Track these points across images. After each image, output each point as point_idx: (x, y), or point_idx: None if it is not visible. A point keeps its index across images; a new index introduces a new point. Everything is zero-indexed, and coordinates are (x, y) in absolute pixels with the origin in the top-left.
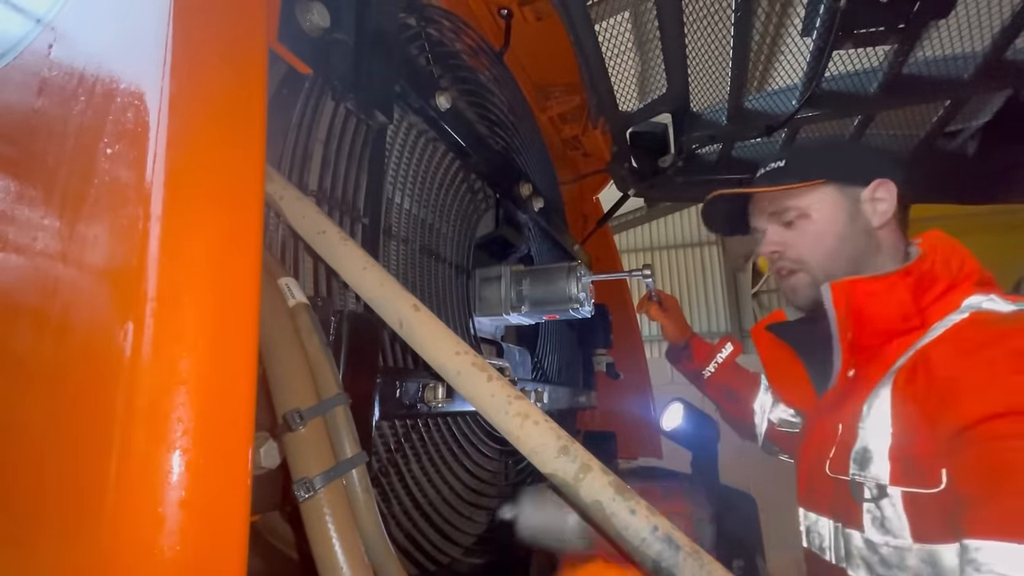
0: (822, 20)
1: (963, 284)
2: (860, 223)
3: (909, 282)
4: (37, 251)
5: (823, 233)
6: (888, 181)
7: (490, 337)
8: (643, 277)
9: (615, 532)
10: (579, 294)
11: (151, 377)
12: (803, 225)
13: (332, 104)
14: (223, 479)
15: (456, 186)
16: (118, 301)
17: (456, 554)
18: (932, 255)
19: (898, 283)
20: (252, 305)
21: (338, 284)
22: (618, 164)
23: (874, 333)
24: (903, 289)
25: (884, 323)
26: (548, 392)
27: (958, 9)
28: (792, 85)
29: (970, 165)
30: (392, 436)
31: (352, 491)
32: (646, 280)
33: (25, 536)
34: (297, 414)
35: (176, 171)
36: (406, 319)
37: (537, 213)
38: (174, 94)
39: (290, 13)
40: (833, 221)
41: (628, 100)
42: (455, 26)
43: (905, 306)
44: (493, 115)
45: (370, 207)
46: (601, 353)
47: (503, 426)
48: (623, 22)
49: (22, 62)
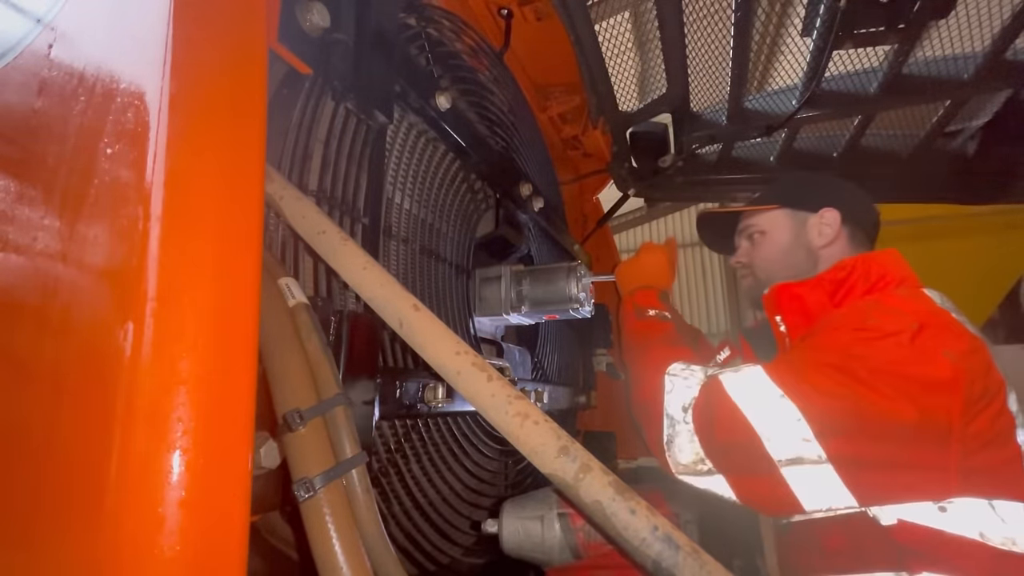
0: (822, 20)
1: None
2: (803, 241)
3: (825, 286)
4: (37, 251)
5: (771, 246)
6: (832, 209)
7: (490, 337)
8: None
9: (615, 532)
10: (579, 294)
11: (151, 377)
12: (759, 240)
13: (332, 104)
14: (223, 479)
15: (456, 186)
16: (118, 301)
17: (456, 554)
18: (851, 267)
19: (816, 286)
20: (252, 305)
21: (338, 284)
22: (618, 164)
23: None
24: (820, 291)
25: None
26: (548, 392)
27: (958, 9)
28: (792, 85)
29: (970, 165)
30: (392, 436)
31: (352, 491)
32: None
33: (25, 536)
34: (297, 414)
35: (176, 171)
36: (406, 319)
37: (537, 213)
38: (174, 94)
39: (290, 13)
40: (779, 238)
41: (628, 100)
42: (455, 26)
43: (823, 304)
44: (493, 115)
45: (370, 207)
46: (601, 353)
47: (503, 426)
48: (623, 22)
49: (22, 62)
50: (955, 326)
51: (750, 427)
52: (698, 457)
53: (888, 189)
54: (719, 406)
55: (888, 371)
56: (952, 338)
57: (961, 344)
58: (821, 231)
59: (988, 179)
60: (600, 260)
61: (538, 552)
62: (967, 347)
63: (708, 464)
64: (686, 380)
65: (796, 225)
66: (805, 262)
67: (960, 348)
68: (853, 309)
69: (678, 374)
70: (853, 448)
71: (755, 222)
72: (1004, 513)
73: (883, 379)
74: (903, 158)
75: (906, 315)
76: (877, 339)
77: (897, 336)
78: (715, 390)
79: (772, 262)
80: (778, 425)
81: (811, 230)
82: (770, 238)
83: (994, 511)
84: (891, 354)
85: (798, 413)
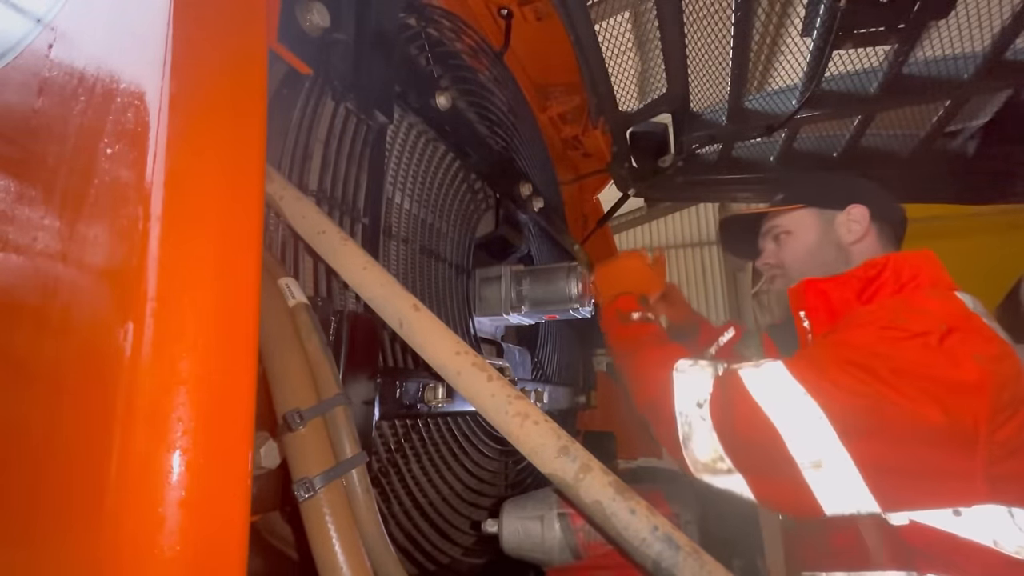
0: (822, 20)
1: (913, 290)
2: (831, 239)
3: (853, 284)
4: (37, 251)
5: (799, 245)
6: (860, 206)
7: (490, 337)
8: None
9: (615, 532)
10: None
11: (151, 377)
12: (786, 240)
13: (332, 104)
14: (223, 479)
15: (456, 186)
16: (118, 301)
17: (456, 554)
18: (882, 266)
19: (843, 284)
20: (252, 305)
21: (338, 284)
22: (618, 164)
23: (821, 322)
24: (847, 289)
25: (829, 313)
26: (548, 392)
27: (958, 9)
28: (792, 85)
29: (970, 165)
30: (392, 436)
31: (352, 491)
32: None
33: (25, 536)
34: (297, 414)
35: (176, 171)
36: (406, 319)
37: (537, 213)
38: (174, 94)
39: (290, 13)
40: (807, 237)
41: (628, 100)
42: (455, 26)
43: (848, 302)
44: (493, 115)
45: (370, 207)
46: (601, 353)
47: (503, 426)
48: (623, 22)
49: (22, 62)
50: (985, 330)
51: (772, 426)
52: (717, 455)
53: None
54: (739, 402)
55: (913, 372)
56: (982, 342)
57: (991, 348)
58: (850, 227)
59: (988, 179)
60: (600, 260)
61: (538, 552)
62: (997, 352)
63: (728, 462)
64: (696, 376)
65: (823, 223)
66: (836, 259)
67: (990, 352)
68: (881, 307)
69: (686, 370)
70: (876, 450)
71: (780, 223)
72: (1022, 522)
73: (907, 380)
74: (903, 158)
75: (935, 316)
76: (904, 339)
77: (925, 337)
78: (734, 385)
79: (802, 261)
80: (800, 424)
81: (840, 227)
82: (797, 237)
83: (1012, 519)
84: (917, 355)
85: (820, 411)
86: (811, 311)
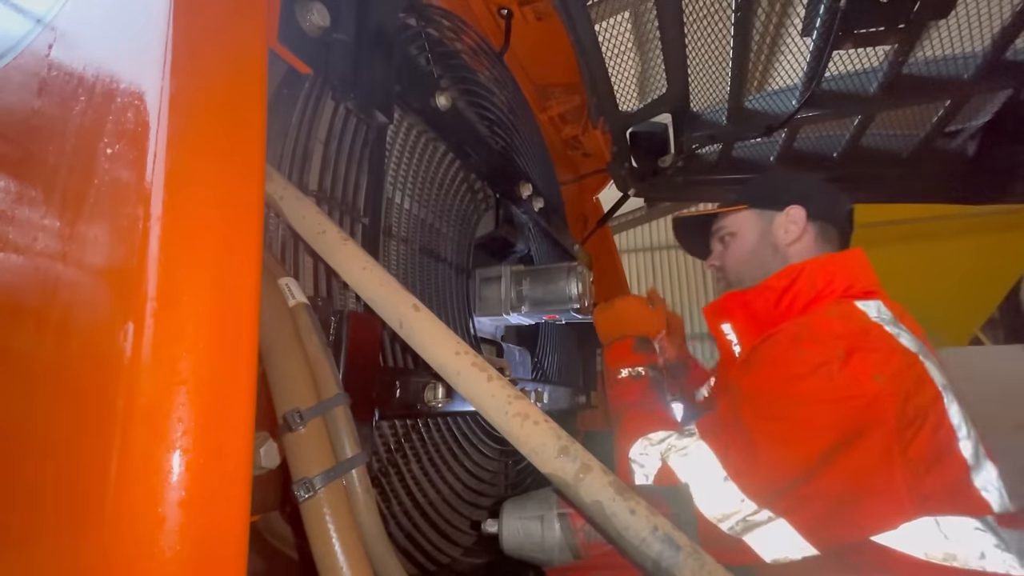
0: (822, 20)
1: (827, 297)
2: (769, 240)
3: (769, 295)
4: (37, 251)
5: (740, 247)
6: (798, 206)
7: (490, 337)
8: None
9: (615, 532)
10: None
11: (151, 377)
12: (730, 242)
13: (332, 104)
14: (223, 479)
15: (456, 186)
16: (118, 301)
17: (456, 554)
18: (796, 273)
19: (761, 295)
20: (252, 305)
21: (338, 284)
22: (618, 164)
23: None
24: (765, 300)
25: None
26: (548, 392)
27: (958, 9)
28: (792, 85)
29: (970, 165)
30: (392, 436)
31: (352, 491)
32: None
33: (25, 536)
34: (297, 414)
35: (176, 171)
36: (406, 319)
37: (537, 213)
38: (174, 94)
39: (290, 13)
40: (747, 238)
41: (628, 100)
42: (455, 26)
43: (769, 312)
44: (493, 115)
45: (370, 207)
46: (601, 353)
47: (503, 426)
48: (623, 22)
49: (22, 62)
50: (885, 346)
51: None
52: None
53: (888, 189)
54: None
55: (822, 401)
56: (881, 360)
57: (891, 364)
58: (787, 228)
59: (988, 179)
60: (600, 260)
61: (538, 552)
62: (896, 367)
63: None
64: (643, 468)
65: (763, 224)
66: (773, 261)
67: (890, 369)
68: (784, 334)
69: (636, 459)
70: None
71: (726, 224)
72: (947, 529)
73: (819, 411)
74: (903, 158)
75: (836, 338)
76: (807, 375)
77: (827, 366)
78: (667, 478)
79: (742, 263)
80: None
81: (777, 228)
82: (739, 239)
83: (938, 528)
84: (822, 386)
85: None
86: (736, 323)
